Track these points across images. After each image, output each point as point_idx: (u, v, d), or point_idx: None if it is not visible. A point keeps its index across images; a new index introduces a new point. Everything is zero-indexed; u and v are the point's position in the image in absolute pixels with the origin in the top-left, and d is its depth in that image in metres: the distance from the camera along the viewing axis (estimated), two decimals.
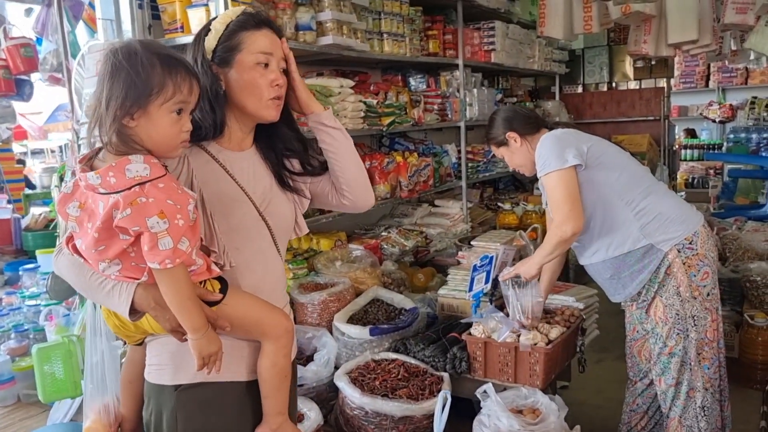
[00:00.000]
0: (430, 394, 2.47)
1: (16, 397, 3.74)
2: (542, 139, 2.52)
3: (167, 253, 1.22)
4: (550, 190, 2.45)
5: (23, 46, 4.13)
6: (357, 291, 3.15)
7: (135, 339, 1.50)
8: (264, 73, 1.48)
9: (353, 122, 3.52)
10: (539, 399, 2.39)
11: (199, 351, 1.33)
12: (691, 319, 2.40)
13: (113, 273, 1.29)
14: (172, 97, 1.27)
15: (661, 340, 2.45)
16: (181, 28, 2.82)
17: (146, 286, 1.31)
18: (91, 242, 1.25)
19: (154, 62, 1.25)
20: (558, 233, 2.41)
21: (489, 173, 5.18)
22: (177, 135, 1.31)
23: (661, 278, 2.41)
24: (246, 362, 1.51)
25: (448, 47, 4.57)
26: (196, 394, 1.45)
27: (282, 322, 1.49)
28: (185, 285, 1.28)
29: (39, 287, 4.37)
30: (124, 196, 1.20)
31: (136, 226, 1.20)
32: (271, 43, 1.50)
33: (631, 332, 2.70)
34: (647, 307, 2.49)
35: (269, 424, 1.50)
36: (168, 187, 1.24)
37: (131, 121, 1.26)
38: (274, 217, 1.57)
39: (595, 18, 4.98)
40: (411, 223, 4.38)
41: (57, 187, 3.24)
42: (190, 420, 1.44)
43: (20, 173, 7.56)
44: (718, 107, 9.17)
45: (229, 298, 1.39)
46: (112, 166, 1.22)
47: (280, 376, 1.49)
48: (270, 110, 1.51)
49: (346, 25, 3.36)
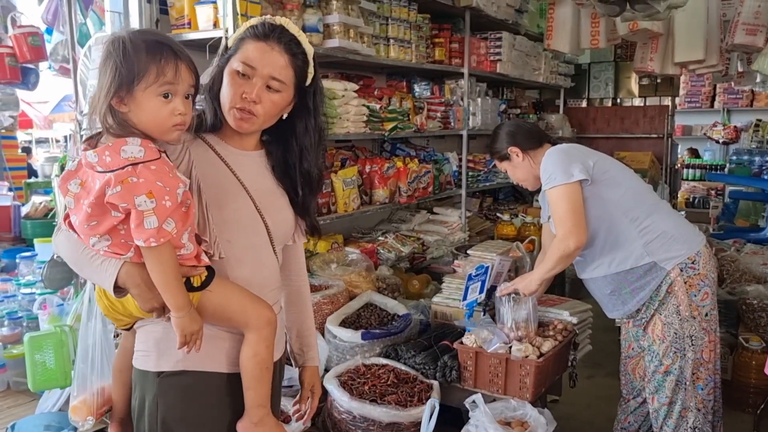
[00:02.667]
0: (418, 402, 2.46)
1: (6, 385, 3.73)
2: (548, 152, 2.52)
3: (152, 232, 1.26)
4: (555, 204, 2.45)
5: (30, 35, 4.13)
6: (351, 294, 3.14)
7: (123, 323, 1.52)
8: (239, 82, 1.47)
9: (356, 126, 3.53)
10: (528, 412, 2.38)
11: (182, 329, 1.36)
12: (689, 339, 2.41)
13: (102, 248, 1.33)
14: (155, 81, 1.30)
15: (657, 358, 2.45)
16: (188, 24, 2.83)
17: (132, 264, 1.34)
18: (83, 217, 1.29)
19: (139, 48, 1.29)
20: (561, 248, 2.41)
21: (489, 183, 5.18)
22: (167, 118, 1.33)
23: (661, 296, 2.42)
24: (228, 354, 1.52)
25: (454, 56, 4.58)
26: (178, 381, 1.47)
27: (265, 312, 1.50)
28: (171, 264, 1.32)
29: (35, 276, 4.37)
30: (117, 174, 1.25)
31: (124, 203, 1.25)
32: (260, 57, 1.47)
33: (626, 349, 2.70)
34: (645, 325, 2.49)
35: (250, 417, 1.51)
36: (160, 170, 1.29)
37: (122, 106, 1.31)
38: (273, 218, 1.58)
39: (602, 33, 4.99)
40: (409, 229, 4.37)
41: (57, 176, 3.25)
42: (171, 407, 1.46)
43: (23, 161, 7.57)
44: (722, 128, 9.18)
45: (214, 285, 1.42)
46: (108, 146, 1.28)
47: (261, 367, 1.50)
48: (233, 119, 1.50)
49: (353, 28, 3.37)
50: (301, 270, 1.81)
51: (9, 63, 4.32)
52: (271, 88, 1.49)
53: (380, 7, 3.78)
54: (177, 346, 1.38)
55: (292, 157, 1.60)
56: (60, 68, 4.10)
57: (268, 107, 1.50)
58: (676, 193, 8.38)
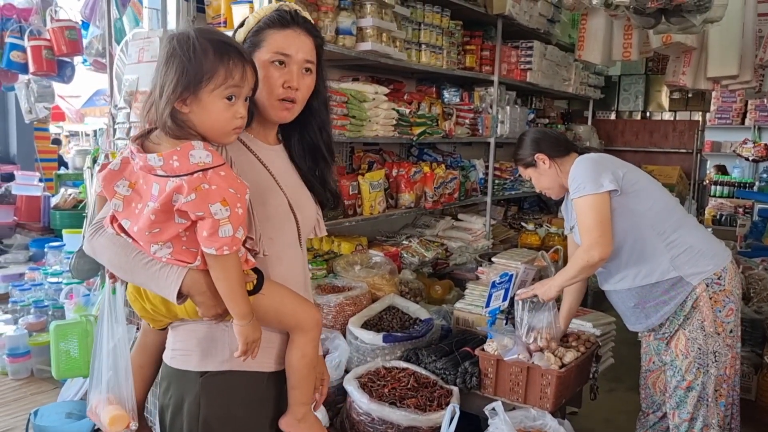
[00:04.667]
0: (438, 407, 2.45)
1: (30, 372, 3.80)
2: (578, 160, 2.50)
3: (226, 240, 1.24)
4: (582, 213, 2.42)
5: (68, 29, 4.22)
6: (374, 297, 3.15)
7: (162, 324, 1.52)
8: (277, 73, 1.47)
9: (384, 129, 3.54)
10: (548, 422, 2.36)
11: (245, 337, 1.34)
12: (712, 355, 2.38)
13: (164, 256, 1.29)
14: (222, 84, 1.28)
15: (680, 373, 2.42)
16: (224, 23, 2.86)
17: (197, 272, 1.31)
18: (145, 224, 1.25)
19: (206, 48, 1.27)
20: (585, 258, 2.38)
21: (515, 191, 5.17)
22: (229, 121, 1.32)
23: (686, 311, 2.39)
24: (272, 353, 1.52)
25: (484, 63, 4.58)
26: (223, 381, 1.46)
27: (314, 314, 1.51)
28: (237, 272, 1.30)
29: (62, 265, 4.45)
30: (188, 181, 1.21)
31: (199, 212, 1.21)
32: (293, 44, 1.48)
33: (647, 363, 2.67)
34: (669, 339, 2.46)
35: (294, 414, 1.52)
36: (229, 175, 1.26)
37: (184, 107, 1.28)
38: (301, 212, 1.58)
39: (634, 46, 4.94)
40: (433, 234, 4.38)
41: (89, 168, 3.30)
42: (213, 407, 1.45)
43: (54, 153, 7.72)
44: (753, 146, 9.02)
45: (266, 288, 1.41)
46: (176, 150, 1.24)
47: (308, 368, 1.52)
48: (277, 110, 1.50)
49: (386, 32, 3.38)
50: None
51: (46, 56, 4.41)
52: (308, 71, 1.51)
53: (413, 12, 3.79)
54: (237, 354, 1.36)
55: (315, 137, 1.61)
56: (94, 62, 4.17)
57: (305, 92, 1.52)
58: (703, 209, 8.26)
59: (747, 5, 4.69)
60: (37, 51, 4.43)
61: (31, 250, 5.28)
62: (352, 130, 3.29)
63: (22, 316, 4.03)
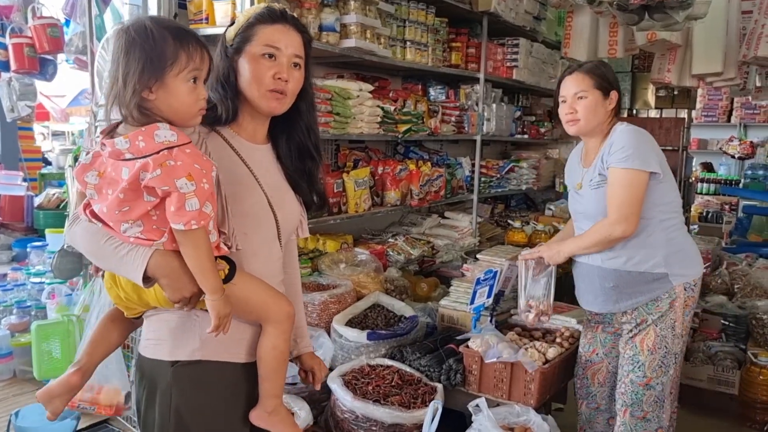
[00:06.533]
0: (422, 404, 2.45)
1: (12, 373, 3.76)
2: (630, 128, 2.43)
3: (193, 214, 1.27)
4: (619, 185, 2.34)
5: (50, 26, 4.18)
6: (358, 295, 3.14)
7: (136, 312, 1.52)
8: (269, 64, 1.51)
9: (369, 126, 3.53)
10: (532, 418, 2.37)
11: (217, 311, 1.36)
12: (673, 356, 2.43)
13: (134, 234, 1.31)
14: (186, 66, 1.32)
15: (642, 368, 2.42)
16: (206, 19, 2.84)
17: (163, 254, 1.33)
18: (114, 203, 1.29)
19: (165, 35, 1.31)
20: (609, 230, 2.34)
21: (501, 189, 5.17)
22: (195, 102, 1.36)
23: (663, 309, 2.40)
24: (245, 344, 1.54)
25: (470, 60, 4.57)
26: (193, 370, 1.47)
27: (285, 306, 1.53)
28: (206, 248, 1.33)
29: (45, 265, 4.40)
30: (154, 158, 1.25)
31: (165, 186, 1.25)
32: (282, 38, 1.53)
33: (588, 353, 2.64)
34: (635, 334, 2.45)
35: (264, 407, 1.53)
36: (194, 152, 1.31)
37: (150, 94, 1.30)
38: (282, 212, 1.60)
39: (620, 43, 4.95)
40: (419, 232, 4.37)
41: (71, 166, 3.27)
42: (184, 396, 1.46)
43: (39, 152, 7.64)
44: (738, 143, 9.10)
45: (238, 278, 1.43)
46: (141, 131, 1.27)
47: (279, 360, 1.53)
48: (269, 101, 1.53)
49: (370, 29, 3.37)
50: (294, 261, 1.83)
51: (27, 53, 4.37)
52: (296, 65, 1.55)
53: (398, 9, 3.78)
54: (209, 330, 1.37)
55: (302, 137, 1.65)
56: (76, 60, 4.13)
57: (294, 85, 1.55)
58: (690, 206, 8.31)
59: (731, 3, 4.71)
60: (19, 49, 4.40)
61: (14, 250, 5.23)
62: (337, 127, 3.28)
63: (4, 316, 3.99)
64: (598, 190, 2.43)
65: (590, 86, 2.44)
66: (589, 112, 2.44)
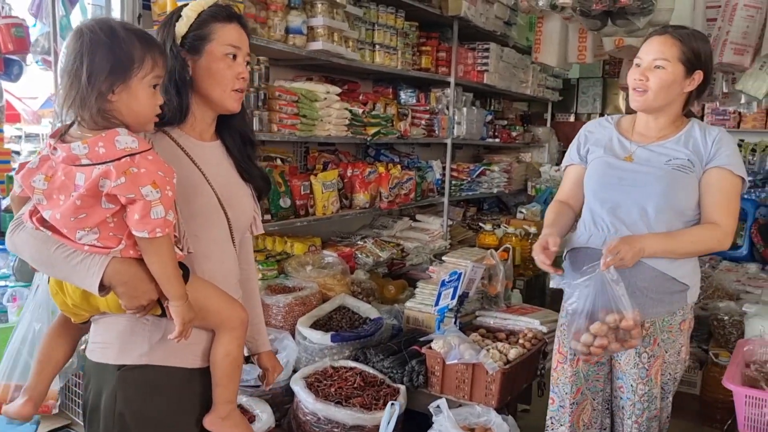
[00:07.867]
0: (383, 405, 2.45)
1: None
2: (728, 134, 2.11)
3: (158, 222, 1.26)
4: (731, 194, 2.06)
5: (15, 26, 4.11)
6: (324, 297, 3.14)
7: (83, 318, 1.50)
8: (231, 64, 1.54)
9: (337, 129, 3.53)
10: (492, 418, 2.38)
11: (182, 317, 1.35)
12: (675, 383, 2.22)
13: (90, 241, 1.29)
14: (151, 72, 1.33)
15: (654, 402, 2.17)
16: None
17: (120, 261, 1.31)
18: (70, 210, 1.26)
19: (132, 38, 1.30)
20: (722, 242, 2.04)
21: (473, 192, 5.20)
22: (153, 108, 1.36)
23: (674, 331, 2.14)
24: (193, 349, 1.52)
25: (441, 64, 4.61)
26: (140, 375, 1.45)
27: (239, 313, 1.52)
28: (170, 255, 1.33)
29: (9, 268, 4.34)
30: (116, 165, 1.23)
31: (130, 194, 1.24)
32: (240, 37, 1.56)
33: (572, 395, 2.23)
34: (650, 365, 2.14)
35: (218, 412, 1.52)
36: (156, 159, 1.29)
37: (113, 96, 1.29)
38: (233, 210, 1.59)
39: (589, 49, 5.01)
40: (390, 235, 4.38)
41: None
42: (129, 401, 1.44)
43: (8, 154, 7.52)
44: None
45: (191, 284, 1.41)
46: (102, 137, 1.25)
47: (233, 366, 1.52)
48: (233, 101, 1.56)
49: (337, 32, 3.38)
50: (249, 258, 1.82)
51: None
52: (248, 63, 1.60)
53: (366, 12, 3.80)
54: (173, 336, 1.36)
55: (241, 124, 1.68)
56: (43, 60, 4.08)
57: (247, 83, 1.60)
58: None
59: (696, 9, 4.79)
60: None
61: None
62: (303, 129, 3.28)
63: None
64: (679, 173, 2.06)
65: (674, 56, 2.04)
66: (662, 88, 2.06)
